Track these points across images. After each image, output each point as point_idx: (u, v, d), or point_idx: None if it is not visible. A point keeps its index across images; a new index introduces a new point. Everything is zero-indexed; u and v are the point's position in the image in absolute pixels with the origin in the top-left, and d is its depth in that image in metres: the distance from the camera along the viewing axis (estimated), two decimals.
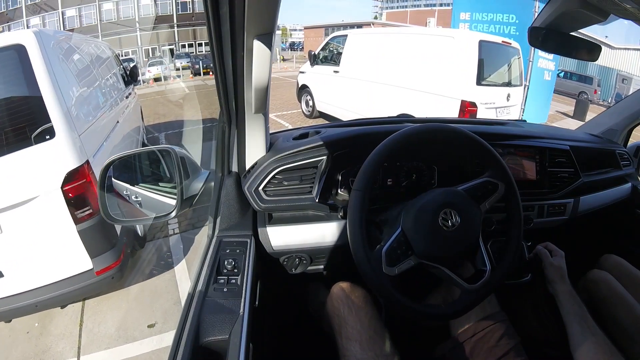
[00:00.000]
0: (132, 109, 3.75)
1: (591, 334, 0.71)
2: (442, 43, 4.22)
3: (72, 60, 2.31)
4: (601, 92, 13.20)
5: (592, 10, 0.69)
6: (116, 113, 2.84)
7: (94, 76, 2.66)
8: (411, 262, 0.68)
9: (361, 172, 0.71)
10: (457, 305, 0.72)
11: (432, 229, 0.68)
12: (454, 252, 0.70)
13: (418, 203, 0.72)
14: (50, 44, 1.91)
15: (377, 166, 0.72)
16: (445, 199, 0.71)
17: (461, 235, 0.69)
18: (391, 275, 0.66)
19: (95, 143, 2.07)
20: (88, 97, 2.32)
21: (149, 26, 24.18)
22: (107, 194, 0.85)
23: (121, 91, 3.44)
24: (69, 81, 2.03)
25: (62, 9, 21.85)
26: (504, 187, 0.76)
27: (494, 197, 0.75)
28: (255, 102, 0.74)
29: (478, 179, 0.77)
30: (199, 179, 0.90)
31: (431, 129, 0.76)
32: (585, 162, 1.12)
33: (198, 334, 0.60)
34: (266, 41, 0.61)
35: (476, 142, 0.77)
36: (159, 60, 17.60)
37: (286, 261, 0.96)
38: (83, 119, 2.01)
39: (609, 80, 13.70)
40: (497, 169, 0.76)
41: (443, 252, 0.69)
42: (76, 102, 2.00)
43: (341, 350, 0.77)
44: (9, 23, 20.77)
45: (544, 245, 0.91)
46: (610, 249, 1.07)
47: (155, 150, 0.90)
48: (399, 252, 0.68)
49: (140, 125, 4.18)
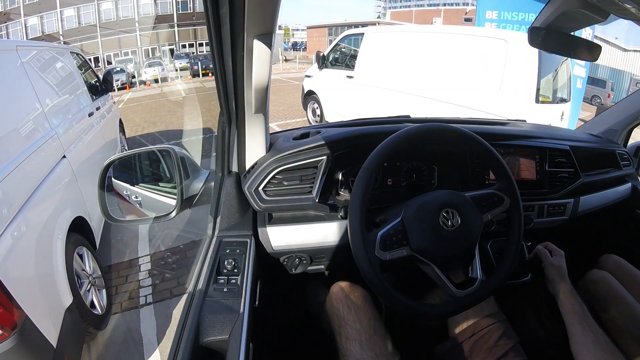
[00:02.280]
0: (104, 124, 3.07)
1: (592, 333, 0.71)
2: (490, 47, 3.36)
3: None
4: (614, 96, 12.37)
5: (592, 10, 0.69)
6: (63, 142, 2.00)
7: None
8: (404, 252, 0.68)
9: (375, 152, 0.71)
10: (439, 308, 0.71)
11: (431, 224, 0.69)
12: (448, 253, 0.70)
13: (423, 198, 0.72)
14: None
15: (394, 149, 0.72)
16: (450, 199, 0.71)
17: (458, 237, 0.69)
18: (382, 260, 0.66)
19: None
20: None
21: (149, 26, 24.07)
22: (107, 194, 0.85)
23: (81, 109, 2.63)
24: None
25: (60, 8, 21.80)
26: (509, 202, 0.76)
27: (497, 209, 0.75)
28: (256, 102, 0.74)
29: (485, 189, 0.77)
30: (199, 179, 0.90)
31: (451, 131, 0.76)
32: (585, 162, 1.12)
33: (198, 334, 0.60)
34: (266, 41, 0.61)
35: (493, 155, 0.77)
36: (157, 61, 17.48)
37: (286, 261, 0.96)
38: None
39: (621, 83, 13.17)
40: (506, 183, 0.76)
41: (437, 249, 0.68)
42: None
43: (341, 350, 0.77)
44: (7, 23, 20.75)
45: (544, 245, 0.91)
46: (610, 249, 1.07)
47: (155, 150, 0.91)
48: (394, 239, 0.68)
49: (116, 138, 3.50)
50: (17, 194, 1.44)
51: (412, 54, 4.05)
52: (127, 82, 15.18)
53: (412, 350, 0.82)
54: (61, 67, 2.63)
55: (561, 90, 3.52)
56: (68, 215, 1.77)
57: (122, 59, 21.53)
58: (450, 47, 3.70)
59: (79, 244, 1.84)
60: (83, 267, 1.83)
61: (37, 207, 1.53)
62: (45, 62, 2.31)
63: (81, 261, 1.83)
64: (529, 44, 0.84)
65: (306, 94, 5.68)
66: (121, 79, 14.94)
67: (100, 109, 3.08)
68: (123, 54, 23.02)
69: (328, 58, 5.20)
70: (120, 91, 13.67)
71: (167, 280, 2.26)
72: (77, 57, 3.09)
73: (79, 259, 1.81)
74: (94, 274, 1.95)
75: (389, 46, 4.38)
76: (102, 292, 1.98)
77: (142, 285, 2.22)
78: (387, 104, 4.10)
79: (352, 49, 4.95)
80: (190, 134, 6.02)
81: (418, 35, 4.21)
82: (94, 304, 1.84)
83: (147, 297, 2.12)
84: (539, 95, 3.14)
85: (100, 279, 2.00)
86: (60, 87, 2.42)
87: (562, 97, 3.53)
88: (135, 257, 2.49)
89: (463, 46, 3.60)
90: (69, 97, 2.48)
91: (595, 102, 10.36)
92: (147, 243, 2.66)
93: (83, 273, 1.81)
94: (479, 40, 3.52)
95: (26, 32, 21.12)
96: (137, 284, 2.24)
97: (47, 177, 1.70)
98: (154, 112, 8.63)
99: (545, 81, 3.21)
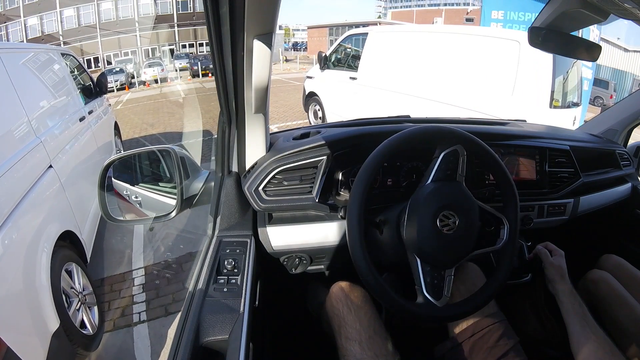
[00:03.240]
0: (98, 128, 2.95)
1: (592, 333, 0.71)
2: (502, 48, 3.20)
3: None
4: (617, 97, 12.09)
5: (592, 10, 0.69)
6: (49, 151, 1.87)
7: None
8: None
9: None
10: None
11: (431, 224, 0.69)
12: (431, 250, 0.69)
13: (437, 190, 0.72)
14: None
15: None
16: (458, 203, 0.71)
17: (455, 242, 0.69)
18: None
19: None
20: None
21: (149, 26, 24.03)
22: (107, 194, 0.85)
23: (71, 113, 2.49)
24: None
25: (60, 8, 21.79)
26: (506, 231, 0.74)
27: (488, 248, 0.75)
28: (256, 102, 0.74)
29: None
30: (199, 179, 0.90)
31: (477, 144, 0.75)
32: (585, 162, 1.12)
33: (198, 334, 0.60)
34: (266, 41, 0.61)
35: (507, 182, 0.76)
36: (156, 62, 17.38)
37: (286, 261, 0.96)
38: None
39: (623, 83, 12.97)
40: (512, 211, 0.75)
41: (423, 241, 0.69)
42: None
43: (341, 350, 0.77)
44: (7, 23, 20.74)
45: (544, 245, 0.91)
46: (610, 249, 1.07)
47: (155, 150, 0.91)
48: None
49: (111, 141, 3.41)
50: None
51: (418, 55, 3.87)
52: (127, 83, 15.12)
53: (412, 350, 0.82)
54: (49, 69, 2.48)
55: (572, 93, 3.36)
56: (55, 231, 1.66)
57: (122, 59, 21.44)
58: (459, 48, 3.53)
59: (68, 260, 1.72)
60: (72, 285, 1.72)
61: (18, 224, 1.41)
62: (31, 64, 2.19)
63: (70, 278, 1.72)
64: (529, 44, 0.84)
65: (307, 96, 5.52)
66: (120, 80, 14.86)
67: (93, 112, 2.97)
68: (123, 54, 22.97)
69: (330, 58, 5.04)
70: (119, 92, 13.59)
71: (162, 296, 2.13)
72: (70, 59, 2.97)
73: (68, 276, 1.70)
74: (85, 290, 1.84)
75: (394, 46, 4.20)
76: (93, 309, 1.86)
77: (136, 301, 2.10)
78: (392, 107, 3.90)
79: (356, 49, 4.77)
80: (189, 137, 5.86)
81: (425, 36, 4.02)
82: (85, 323, 1.73)
83: (140, 315, 2.00)
84: (553, 100, 3.00)
85: (91, 295, 1.89)
86: (48, 91, 2.29)
87: (574, 100, 3.37)
88: (129, 270, 2.38)
89: (473, 47, 3.42)
90: (57, 102, 2.34)
91: (597, 103, 10.19)
92: (141, 255, 2.54)
93: (72, 291, 1.70)
94: (490, 41, 3.35)
95: (26, 33, 21.12)
96: (130, 299, 2.12)
97: (30, 190, 1.58)
98: (153, 113, 8.47)
99: (557, 84, 3.04)
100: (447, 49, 3.64)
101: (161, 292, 2.17)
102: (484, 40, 3.42)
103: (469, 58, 3.41)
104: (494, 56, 3.24)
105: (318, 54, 5.15)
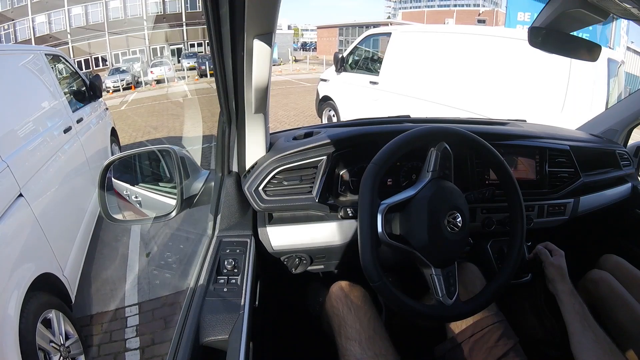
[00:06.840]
0: (88, 138, 2.62)
1: (592, 333, 0.71)
2: (549, 56, 2.49)
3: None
4: None
5: (592, 10, 0.69)
6: (19, 177, 1.53)
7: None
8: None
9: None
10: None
11: (436, 223, 0.70)
12: (436, 249, 0.70)
13: (448, 189, 0.74)
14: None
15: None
16: (459, 203, 0.73)
17: (454, 241, 0.71)
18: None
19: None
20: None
21: (157, 25, 23.94)
22: (107, 194, 0.85)
23: (51, 126, 2.13)
24: None
25: (67, 7, 21.75)
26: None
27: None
28: (256, 102, 0.75)
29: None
30: (199, 179, 0.90)
31: (487, 148, 0.78)
32: (585, 162, 1.12)
33: (198, 334, 0.60)
34: (266, 41, 0.61)
35: (516, 193, 0.78)
36: (163, 61, 17.20)
37: (286, 261, 0.96)
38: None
39: (636, 87, 12.88)
40: (520, 224, 0.78)
41: (425, 238, 0.69)
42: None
43: (341, 350, 0.77)
44: (14, 21, 20.72)
45: (544, 245, 0.91)
46: (610, 249, 1.07)
47: (155, 150, 0.91)
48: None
49: (107, 148, 3.12)
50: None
51: (450, 59, 3.36)
52: (133, 82, 15.04)
53: (412, 350, 0.82)
54: (25, 75, 2.07)
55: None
56: (27, 275, 1.36)
57: (129, 57, 21.24)
58: (502, 54, 2.99)
59: (45, 308, 1.42)
60: (52, 339, 1.42)
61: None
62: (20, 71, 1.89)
63: (48, 330, 1.42)
64: (529, 44, 0.84)
65: (321, 100, 5.01)
66: (127, 79, 14.78)
67: (83, 120, 2.60)
68: (131, 52, 22.86)
69: (347, 60, 4.50)
70: (125, 91, 13.47)
71: (158, 343, 1.80)
72: (61, 61, 2.70)
73: (45, 328, 1.40)
74: (69, 339, 1.55)
75: (422, 49, 3.67)
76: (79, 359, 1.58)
77: (129, 348, 1.77)
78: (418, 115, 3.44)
79: (376, 50, 4.32)
80: (193, 142, 5.44)
81: (457, 37, 3.43)
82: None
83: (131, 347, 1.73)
84: None
85: (77, 344, 1.60)
86: (20, 102, 1.89)
87: None
88: (121, 307, 2.01)
89: (514, 53, 2.89)
90: (34, 114, 1.96)
91: None
92: (136, 287, 2.17)
93: (51, 346, 1.41)
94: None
95: (34, 31, 21.09)
96: (122, 344, 1.79)
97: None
98: (157, 115, 7.95)
99: (611, 101, 2.58)
100: (487, 54, 3.11)
101: (157, 338, 1.84)
102: (523, 45, 2.76)
103: (514, 66, 2.89)
104: (540, 65, 2.72)
105: (334, 55, 4.65)
